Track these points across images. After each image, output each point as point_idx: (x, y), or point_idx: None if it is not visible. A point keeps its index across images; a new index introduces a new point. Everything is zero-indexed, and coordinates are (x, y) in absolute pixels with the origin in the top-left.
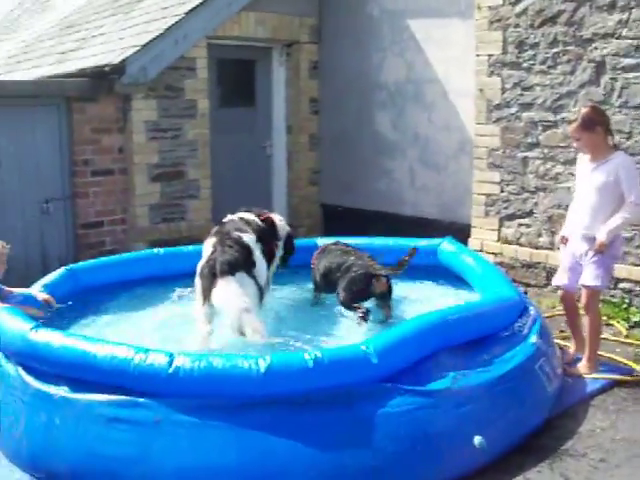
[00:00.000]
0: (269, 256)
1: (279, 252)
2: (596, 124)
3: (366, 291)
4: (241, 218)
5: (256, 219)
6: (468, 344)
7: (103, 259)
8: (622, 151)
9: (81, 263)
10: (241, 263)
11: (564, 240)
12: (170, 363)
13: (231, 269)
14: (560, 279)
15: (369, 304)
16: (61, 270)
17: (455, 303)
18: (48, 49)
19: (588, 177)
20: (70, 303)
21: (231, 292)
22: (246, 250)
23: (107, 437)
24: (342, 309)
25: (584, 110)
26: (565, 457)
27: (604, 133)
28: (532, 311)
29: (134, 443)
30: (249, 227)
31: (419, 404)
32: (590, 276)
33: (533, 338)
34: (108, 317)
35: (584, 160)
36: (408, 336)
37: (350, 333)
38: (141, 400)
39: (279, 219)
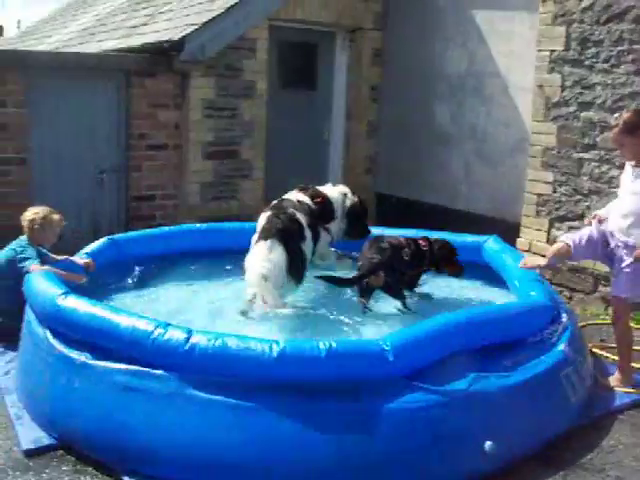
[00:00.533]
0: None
1: (335, 227)
2: (639, 127)
3: (366, 284)
4: (299, 200)
5: (309, 202)
6: (492, 347)
7: (145, 231)
8: None
9: (123, 234)
10: (276, 231)
11: (596, 218)
12: (187, 340)
13: (265, 235)
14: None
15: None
16: (104, 239)
17: (488, 303)
18: (119, 23)
19: (630, 184)
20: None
21: (256, 255)
22: (290, 222)
23: (120, 405)
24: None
25: (626, 115)
26: (580, 471)
27: None
28: (564, 318)
29: (145, 413)
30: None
31: (431, 403)
32: (619, 286)
33: (562, 346)
34: (144, 288)
35: (628, 167)
36: (429, 336)
37: (384, 326)
38: (156, 372)
39: (340, 192)
